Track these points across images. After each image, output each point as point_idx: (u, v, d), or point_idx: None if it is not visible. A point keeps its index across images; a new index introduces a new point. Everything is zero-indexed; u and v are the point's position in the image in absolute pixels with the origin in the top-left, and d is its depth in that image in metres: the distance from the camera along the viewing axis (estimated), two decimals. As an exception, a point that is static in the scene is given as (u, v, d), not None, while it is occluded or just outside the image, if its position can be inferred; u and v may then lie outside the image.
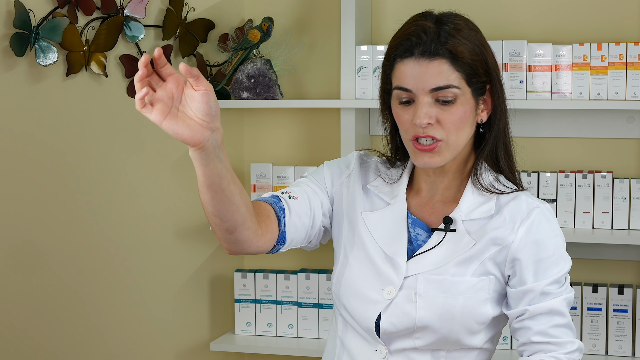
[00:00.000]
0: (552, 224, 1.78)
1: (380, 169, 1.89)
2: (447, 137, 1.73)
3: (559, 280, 1.75)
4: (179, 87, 1.49)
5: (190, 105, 1.50)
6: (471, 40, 1.73)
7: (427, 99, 1.71)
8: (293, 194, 1.82)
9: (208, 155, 1.54)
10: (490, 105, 1.79)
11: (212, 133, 1.52)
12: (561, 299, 1.75)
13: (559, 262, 1.76)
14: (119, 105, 3.01)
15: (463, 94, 1.72)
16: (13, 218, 2.77)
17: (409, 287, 1.76)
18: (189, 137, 1.50)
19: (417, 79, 1.71)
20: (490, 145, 1.80)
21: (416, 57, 1.72)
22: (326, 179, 1.89)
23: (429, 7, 1.89)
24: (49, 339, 2.87)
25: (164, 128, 1.49)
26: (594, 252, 3.11)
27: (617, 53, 2.93)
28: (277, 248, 1.78)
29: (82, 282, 2.96)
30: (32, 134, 2.80)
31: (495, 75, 1.78)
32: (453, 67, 1.71)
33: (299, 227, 1.80)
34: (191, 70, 1.45)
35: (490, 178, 1.81)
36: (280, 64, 3.26)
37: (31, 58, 2.77)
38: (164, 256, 3.19)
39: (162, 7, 3.10)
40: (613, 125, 3.07)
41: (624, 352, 2.98)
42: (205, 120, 1.51)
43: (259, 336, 3.27)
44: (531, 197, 1.82)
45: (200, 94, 1.48)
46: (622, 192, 2.97)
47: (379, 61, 3.09)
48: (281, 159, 3.37)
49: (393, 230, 1.81)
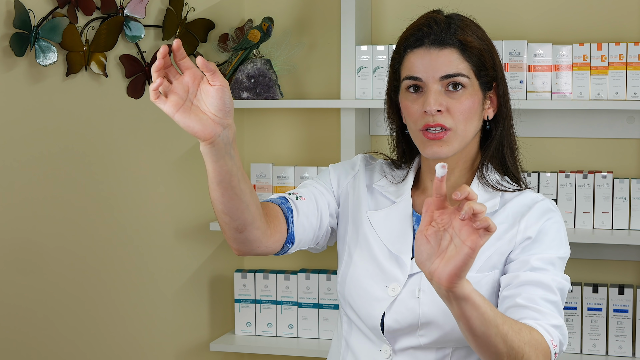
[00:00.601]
0: (555, 213, 1.79)
1: (385, 170, 1.91)
2: (456, 126, 1.75)
3: (553, 262, 1.73)
4: (195, 80, 1.49)
5: (204, 100, 1.50)
6: (478, 35, 1.78)
7: (437, 87, 1.75)
8: (300, 195, 1.83)
9: (219, 151, 1.53)
10: (496, 103, 1.82)
11: (224, 129, 1.52)
12: (551, 278, 1.70)
13: (555, 246, 1.74)
14: (119, 105, 3.01)
15: (472, 85, 1.76)
16: (13, 218, 2.77)
17: (413, 284, 1.77)
18: (200, 130, 1.50)
19: (428, 67, 1.75)
20: (496, 143, 1.82)
21: (427, 47, 1.76)
22: (332, 181, 1.90)
23: (429, 6, 1.91)
24: (49, 339, 2.87)
25: (176, 120, 1.49)
26: (594, 252, 3.10)
27: (617, 53, 2.93)
28: (286, 249, 1.79)
29: (82, 282, 2.96)
30: (32, 134, 2.80)
31: (501, 74, 1.81)
32: (462, 56, 1.75)
33: (307, 227, 1.81)
34: (208, 64, 1.45)
35: (497, 177, 1.83)
36: (280, 64, 3.26)
37: (31, 58, 2.77)
38: (164, 256, 3.18)
39: (162, 7, 3.10)
40: (613, 126, 3.07)
41: (624, 352, 2.98)
42: (219, 115, 1.50)
43: (259, 336, 3.27)
44: (536, 193, 1.83)
45: (216, 89, 1.48)
46: (623, 192, 2.97)
47: (379, 61, 3.09)
48: (281, 159, 3.37)
49: (398, 229, 1.82)
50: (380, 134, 3.25)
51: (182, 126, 1.49)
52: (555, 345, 1.63)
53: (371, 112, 3.25)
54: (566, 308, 3.01)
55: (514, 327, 1.55)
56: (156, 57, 1.51)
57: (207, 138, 1.51)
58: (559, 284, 1.71)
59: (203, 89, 1.50)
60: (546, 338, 1.62)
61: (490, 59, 1.79)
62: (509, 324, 1.54)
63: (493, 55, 1.80)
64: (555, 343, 1.63)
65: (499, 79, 1.81)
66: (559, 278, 1.71)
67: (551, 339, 1.62)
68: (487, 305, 1.49)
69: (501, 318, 1.53)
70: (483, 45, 1.78)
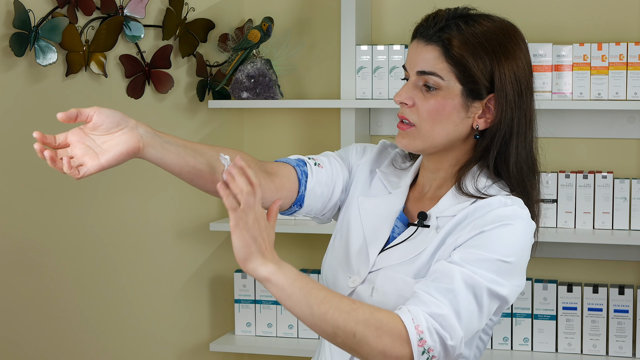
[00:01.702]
0: (515, 221, 1.65)
1: (397, 159, 1.88)
2: (420, 124, 1.71)
3: (481, 260, 1.60)
4: (81, 135, 1.57)
5: (99, 134, 1.57)
6: (482, 45, 1.70)
7: (415, 80, 1.72)
8: (319, 162, 1.83)
9: (155, 146, 1.60)
10: (492, 115, 1.72)
11: (137, 129, 1.58)
12: (460, 270, 1.58)
13: (496, 249, 1.61)
14: (119, 105, 3.01)
15: (448, 88, 1.70)
16: (13, 218, 2.76)
17: (370, 281, 1.75)
18: (126, 148, 1.56)
19: (411, 59, 1.73)
20: (484, 154, 1.73)
21: (418, 39, 1.73)
22: (351, 159, 1.89)
23: (428, 6, 1.89)
24: (49, 339, 2.87)
25: (105, 164, 1.55)
26: (594, 253, 3.10)
27: (618, 53, 2.92)
28: (293, 210, 1.80)
29: (83, 283, 2.95)
30: (31, 134, 2.79)
31: (506, 91, 1.70)
32: (444, 57, 1.69)
33: (318, 195, 1.81)
34: (68, 114, 1.54)
35: (484, 184, 1.73)
36: (280, 64, 3.26)
37: (31, 58, 2.77)
38: (164, 257, 3.18)
39: (162, 7, 3.09)
40: (614, 126, 3.07)
41: (624, 352, 2.98)
42: (121, 125, 1.57)
43: (259, 337, 3.27)
44: (509, 199, 1.69)
45: (95, 119, 1.55)
46: (623, 193, 2.97)
47: (379, 61, 3.09)
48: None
49: (381, 220, 1.79)
50: (381, 134, 3.25)
51: (115, 161, 1.55)
52: (422, 331, 1.53)
53: (371, 112, 3.25)
54: (566, 308, 3.01)
55: (342, 307, 1.53)
56: (156, 58, 1.52)
57: (136, 145, 1.57)
58: (469, 279, 1.58)
59: (91, 133, 1.57)
60: (405, 320, 1.54)
61: (483, 72, 1.69)
62: (332, 304, 1.52)
63: (493, 68, 1.69)
64: (422, 329, 1.53)
65: (499, 93, 1.70)
66: (473, 274, 1.58)
67: (416, 324, 1.53)
68: (299, 285, 1.52)
69: (319, 298, 1.52)
70: (478, 54, 1.68)
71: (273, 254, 1.55)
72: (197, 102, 3.23)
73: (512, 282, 1.64)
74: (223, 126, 3.34)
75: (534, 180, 1.77)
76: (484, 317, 1.62)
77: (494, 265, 1.62)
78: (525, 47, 1.76)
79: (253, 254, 1.51)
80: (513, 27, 1.76)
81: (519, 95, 1.72)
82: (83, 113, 1.56)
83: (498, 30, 1.72)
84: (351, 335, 1.53)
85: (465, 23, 1.71)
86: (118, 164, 1.56)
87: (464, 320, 1.58)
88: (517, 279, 1.66)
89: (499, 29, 1.73)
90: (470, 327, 1.60)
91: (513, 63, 1.72)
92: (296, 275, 1.54)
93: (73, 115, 1.54)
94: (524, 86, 1.73)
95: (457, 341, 1.56)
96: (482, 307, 1.60)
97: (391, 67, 3.08)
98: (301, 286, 1.53)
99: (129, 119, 1.58)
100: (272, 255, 1.54)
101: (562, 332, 3.02)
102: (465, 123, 1.72)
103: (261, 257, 1.52)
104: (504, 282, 1.62)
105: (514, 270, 1.64)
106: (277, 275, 1.52)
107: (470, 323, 1.59)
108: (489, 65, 1.70)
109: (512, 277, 1.64)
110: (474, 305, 1.59)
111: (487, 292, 1.60)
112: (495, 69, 1.70)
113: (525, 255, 1.68)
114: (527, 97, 1.74)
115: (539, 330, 3.04)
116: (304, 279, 1.54)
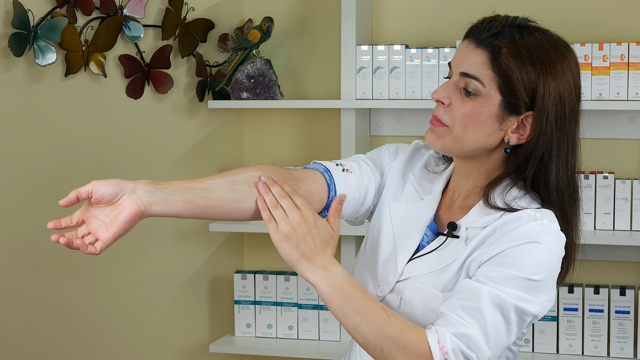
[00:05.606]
0: (543, 238, 1.62)
1: (430, 162, 1.85)
2: (452, 126, 1.68)
3: (509, 278, 1.59)
4: (91, 209, 1.61)
5: (104, 206, 1.60)
6: (530, 59, 1.65)
7: (457, 81, 1.69)
8: (347, 168, 1.81)
9: (158, 203, 1.61)
10: (527, 133, 1.68)
11: (135, 192, 1.60)
12: (486, 288, 1.58)
13: (523, 267, 1.60)
14: (118, 105, 3.00)
15: (487, 96, 1.66)
16: (12, 218, 2.76)
17: (398, 292, 1.73)
18: (128, 215, 1.59)
19: (458, 58, 1.70)
20: (518, 171, 1.70)
21: (469, 40, 1.70)
22: (383, 161, 1.87)
23: (428, 6, 1.88)
24: (49, 339, 2.86)
25: (116, 235, 1.59)
26: (595, 253, 3.10)
27: (619, 53, 2.92)
28: (324, 215, 1.78)
29: (82, 283, 2.95)
30: (31, 134, 2.79)
31: (547, 110, 1.65)
32: (490, 63, 1.65)
33: (348, 199, 1.80)
34: (69, 200, 1.56)
35: (514, 196, 1.69)
36: (280, 64, 3.25)
37: (30, 58, 2.76)
38: (164, 257, 3.18)
39: (162, 7, 3.09)
40: (615, 126, 3.07)
41: (625, 353, 2.97)
42: (119, 194, 1.59)
43: (258, 338, 3.26)
44: (539, 212, 1.65)
45: (94, 195, 1.58)
46: (624, 193, 2.96)
47: (380, 61, 3.08)
48: (281, 159, 3.36)
49: (411, 227, 1.78)
50: (381, 134, 3.24)
51: (123, 231, 1.59)
52: (446, 352, 1.54)
53: (371, 112, 3.24)
54: (567, 309, 3.00)
55: (375, 321, 1.57)
56: (155, 58, 1.52)
57: (137, 210, 1.59)
58: (496, 297, 1.57)
59: (94, 207, 1.61)
60: (430, 341, 1.55)
61: (525, 87, 1.64)
62: (366, 317, 1.58)
63: (537, 86, 1.64)
64: (446, 350, 1.54)
65: (540, 112, 1.65)
66: (500, 292, 1.57)
67: (441, 345, 1.54)
68: (339, 294, 1.60)
69: (356, 309, 1.58)
70: (524, 69, 1.64)
71: (323, 256, 1.63)
72: (196, 102, 3.23)
73: (542, 298, 1.63)
74: (223, 126, 3.34)
75: (574, 207, 1.72)
76: (513, 334, 1.61)
77: (522, 283, 1.60)
78: (577, 69, 1.70)
79: (297, 260, 1.61)
80: (567, 46, 1.71)
81: (562, 118, 1.67)
82: (82, 192, 1.59)
83: (551, 48, 1.68)
84: (379, 349, 1.57)
85: (520, 34, 1.67)
86: (127, 231, 1.60)
87: (491, 339, 1.57)
88: (546, 294, 1.64)
89: (552, 47, 1.68)
90: (499, 345, 1.59)
91: (560, 83, 1.66)
92: (340, 282, 1.61)
93: (73, 199, 1.57)
94: (568, 109, 1.67)
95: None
96: (510, 324, 1.59)
97: (391, 67, 3.07)
98: (340, 295, 1.60)
99: (127, 183, 1.60)
100: (321, 258, 1.63)
101: (563, 333, 3.02)
102: (497, 135, 1.69)
103: (306, 262, 1.62)
104: (532, 299, 1.61)
105: (543, 286, 1.63)
106: (320, 283, 1.61)
107: (499, 341, 1.59)
108: (533, 81, 1.65)
109: (541, 293, 1.62)
110: (502, 324, 1.58)
111: (515, 310, 1.59)
112: (539, 86, 1.65)
113: (554, 270, 1.66)
114: (570, 121, 1.69)
115: (540, 331, 3.03)
116: (345, 288, 1.61)
